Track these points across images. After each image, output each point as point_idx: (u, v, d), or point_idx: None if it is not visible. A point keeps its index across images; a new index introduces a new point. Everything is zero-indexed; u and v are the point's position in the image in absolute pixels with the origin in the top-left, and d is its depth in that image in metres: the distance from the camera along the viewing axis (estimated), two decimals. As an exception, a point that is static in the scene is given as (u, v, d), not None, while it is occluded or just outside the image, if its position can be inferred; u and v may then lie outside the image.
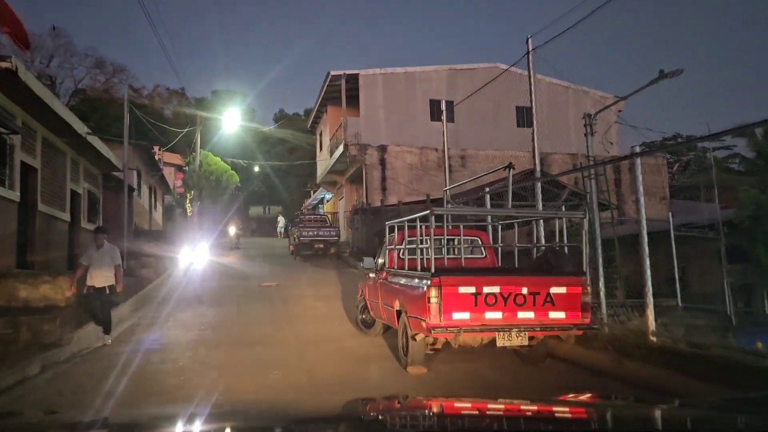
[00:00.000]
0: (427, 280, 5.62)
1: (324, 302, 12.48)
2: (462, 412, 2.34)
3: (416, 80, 25.14)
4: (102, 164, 15.78)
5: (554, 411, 2.32)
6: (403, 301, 6.43)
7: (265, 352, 7.97)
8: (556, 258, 6.22)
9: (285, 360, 7.51)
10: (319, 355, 7.75)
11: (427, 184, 24.06)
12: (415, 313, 5.88)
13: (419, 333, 5.85)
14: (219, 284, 15.40)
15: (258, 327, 9.89)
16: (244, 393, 5.64)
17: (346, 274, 17.67)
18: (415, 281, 6.08)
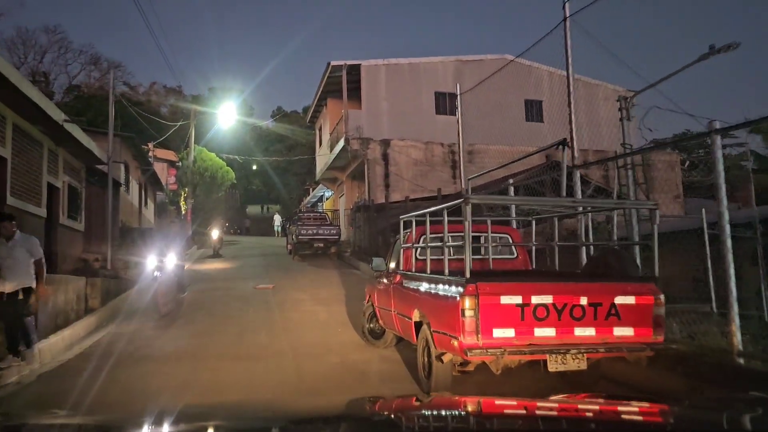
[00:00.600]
0: (459, 287, 4.44)
1: (325, 306, 11.31)
2: (489, 411, 2.18)
3: (421, 72, 23.97)
4: (85, 156, 14.58)
5: (563, 410, 2.24)
6: (425, 311, 5.28)
7: (258, 369, 6.80)
8: (619, 260, 5.05)
9: (281, 379, 6.34)
10: (322, 373, 6.57)
11: (432, 181, 22.89)
12: (443, 328, 4.72)
13: (448, 353, 4.70)
14: (210, 286, 14.21)
15: (251, 336, 8.71)
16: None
17: (348, 275, 16.50)
18: (442, 288, 4.91)
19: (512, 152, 26.13)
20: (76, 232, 14.69)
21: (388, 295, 6.65)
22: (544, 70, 26.63)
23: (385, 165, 22.60)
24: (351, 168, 24.88)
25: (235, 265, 19.24)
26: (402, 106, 23.38)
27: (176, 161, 29.44)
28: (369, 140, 22.44)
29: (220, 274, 16.93)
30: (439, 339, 4.83)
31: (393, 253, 7.15)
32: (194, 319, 10.14)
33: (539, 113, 26.13)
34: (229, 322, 9.77)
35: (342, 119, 23.28)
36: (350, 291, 13.46)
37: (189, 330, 9.25)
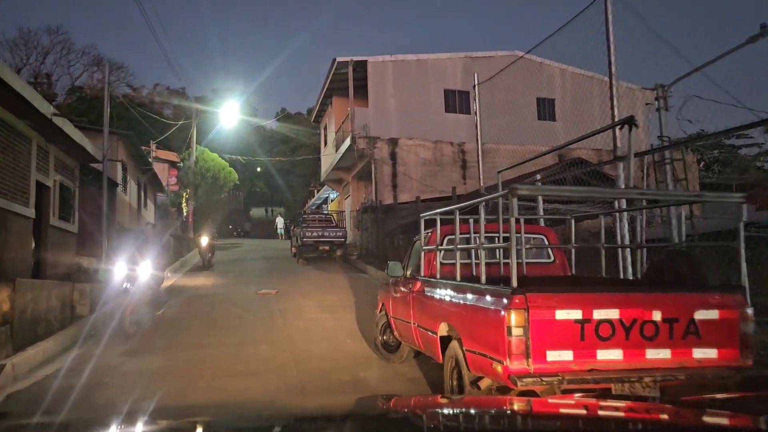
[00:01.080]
0: (503, 298, 3.61)
1: (331, 314, 10.48)
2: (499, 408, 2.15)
3: (429, 68, 23.15)
4: (78, 154, 13.80)
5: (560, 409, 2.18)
6: (455, 325, 4.45)
7: (258, 388, 5.98)
8: (690, 264, 4.20)
9: (285, 401, 5.50)
10: (332, 394, 5.74)
11: (442, 181, 22.07)
12: (481, 348, 3.88)
13: (487, 378, 3.87)
14: (209, 292, 13.41)
15: (251, 347, 7.89)
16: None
17: (356, 280, 15.68)
18: (479, 298, 4.07)
19: (524, 151, 25.27)
20: (69, 234, 13.91)
21: (406, 304, 5.82)
22: (555, 67, 25.88)
23: (393, 165, 21.80)
24: (357, 168, 24.08)
25: (225, 282, 18.34)
26: (410, 103, 22.57)
27: (177, 162, 28.73)
28: (376, 139, 21.64)
29: (221, 275, 16.10)
30: (474, 360, 4.00)
31: (411, 256, 6.32)
32: (189, 327, 9.33)
33: (551, 112, 25.28)
34: (227, 332, 8.94)
35: (348, 117, 22.48)
36: (358, 297, 12.64)
37: (183, 340, 8.44)
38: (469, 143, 23.11)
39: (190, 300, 12.21)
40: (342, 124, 23.88)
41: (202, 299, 12.34)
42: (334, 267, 18.94)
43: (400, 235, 16.34)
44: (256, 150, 50.22)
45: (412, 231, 16.54)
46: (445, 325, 4.62)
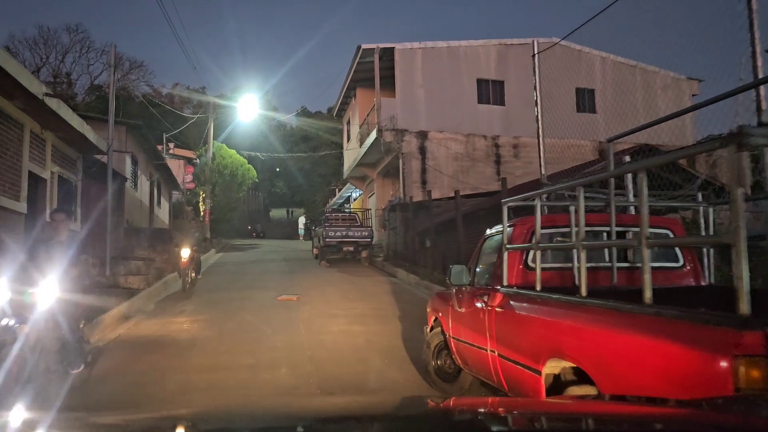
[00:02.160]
0: (720, 334, 2.03)
1: (363, 326, 8.95)
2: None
3: (461, 56, 21.54)
4: (81, 144, 12.47)
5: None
6: (588, 366, 2.83)
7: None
8: None
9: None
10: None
11: (474, 177, 20.49)
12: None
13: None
14: (222, 296, 11.97)
15: (269, 372, 6.38)
16: None
17: (385, 285, 14.15)
18: (646, 327, 2.48)
19: (561, 145, 23.58)
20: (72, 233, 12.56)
21: (477, 323, 4.25)
22: (595, 55, 24.06)
23: (422, 159, 20.25)
24: (383, 164, 22.56)
25: (255, 270, 16.95)
26: (440, 94, 21.00)
27: (194, 158, 27.46)
28: (404, 132, 20.11)
29: (233, 279, 14.68)
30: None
31: (481, 257, 4.76)
32: (194, 342, 7.86)
33: (591, 103, 23.46)
34: (240, 349, 7.45)
35: (373, 109, 20.98)
36: (391, 305, 11.12)
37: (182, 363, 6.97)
38: (503, 136, 21.49)
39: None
40: (367, 117, 22.38)
41: (203, 305, 10.89)
42: (360, 270, 17.45)
43: (434, 235, 14.76)
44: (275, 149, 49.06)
45: (449, 230, 14.99)
46: (559, 362, 3.06)
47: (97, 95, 49.65)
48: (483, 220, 12.54)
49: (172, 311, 10.40)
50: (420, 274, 14.20)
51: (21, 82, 8.71)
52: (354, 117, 25.38)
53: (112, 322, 8.96)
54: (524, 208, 8.72)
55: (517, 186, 12.48)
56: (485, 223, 12.52)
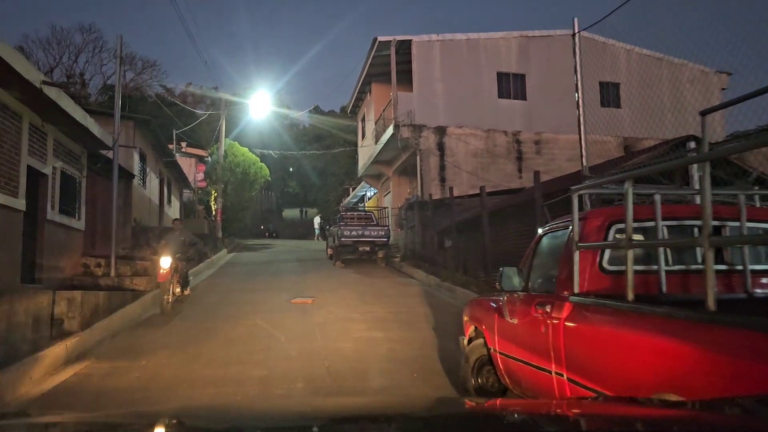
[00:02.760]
0: None
1: (384, 332, 8.22)
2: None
3: (480, 49, 20.73)
4: (85, 138, 11.85)
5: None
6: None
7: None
8: None
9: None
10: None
11: (495, 175, 19.68)
12: None
13: None
14: (232, 298, 11.29)
15: (283, 385, 5.66)
16: None
17: (404, 286, 13.42)
18: None
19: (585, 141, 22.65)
20: (74, 232, 11.98)
21: (536, 337, 3.49)
22: (620, 48, 23.14)
23: (441, 156, 19.48)
24: (399, 161, 21.80)
25: (267, 272, 16.30)
26: (459, 88, 20.21)
27: (205, 156, 26.85)
28: (422, 127, 19.35)
29: (245, 278, 14.00)
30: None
31: (538, 258, 3.98)
32: (198, 345, 7.17)
33: (616, 97, 22.56)
34: (250, 359, 6.74)
35: (390, 104, 20.24)
36: (412, 309, 10.37)
37: (188, 369, 6.27)
38: (525, 132, 20.66)
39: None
40: (383, 112, 21.63)
41: (211, 309, 10.20)
42: (377, 271, 16.72)
43: (456, 234, 13.99)
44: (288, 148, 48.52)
45: (472, 229, 14.19)
46: (669, 398, 2.30)
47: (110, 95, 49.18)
48: (510, 218, 11.78)
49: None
50: (441, 275, 13.44)
51: (17, 70, 8.10)
52: (369, 113, 24.64)
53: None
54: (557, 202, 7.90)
55: (547, 182, 11.68)
56: (513, 221, 11.76)
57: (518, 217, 11.30)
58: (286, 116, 48.17)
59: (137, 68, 46.75)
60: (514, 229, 11.46)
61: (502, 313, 4.12)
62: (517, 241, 11.24)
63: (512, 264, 4.43)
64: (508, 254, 11.57)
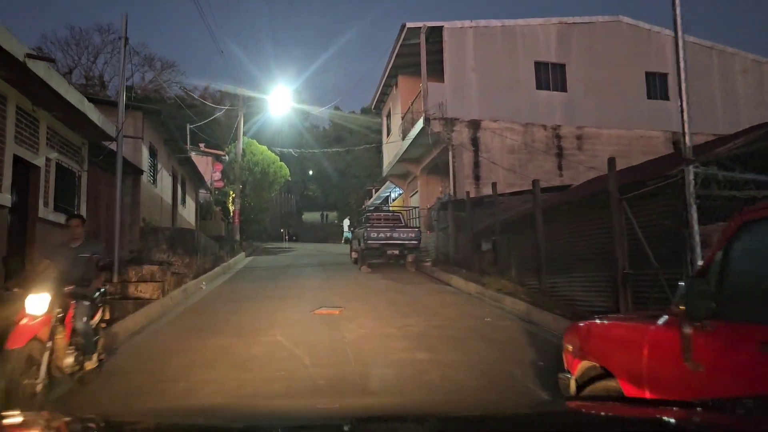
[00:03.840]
0: None
1: (430, 352, 6.73)
2: None
3: (517, 37, 19.20)
4: (86, 127, 10.59)
5: None
6: None
7: None
8: None
9: None
10: None
11: (533, 172, 18.05)
12: None
13: None
14: (248, 308, 9.87)
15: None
16: None
17: (441, 295, 11.90)
18: None
19: (629, 137, 20.94)
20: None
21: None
22: (667, 35, 21.42)
23: (475, 152, 17.97)
24: (429, 159, 20.32)
25: (285, 279, 14.91)
26: (494, 78, 18.70)
27: (222, 155, 25.62)
28: (454, 121, 17.87)
29: (265, 286, 12.61)
30: None
31: (744, 265, 2.47)
32: (200, 385, 5.75)
33: (664, 89, 20.84)
34: (267, 389, 5.29)
35: (419, 96, 18.78)
36: (457, 322, 8.86)
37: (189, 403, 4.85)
38: (565, 126, 19.05)
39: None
40: (411, 106, 20.17)
41: (224, 321, 8.79)
42: (407, 277, 15.24)
43: (499, 236, 12.44)
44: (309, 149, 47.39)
45: (515, 230, 12.64)
46: None
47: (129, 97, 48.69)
48: (565, 217, 10.20)
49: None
50: (483, 282, 11.91)
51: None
52: (395, 107, 23.19)
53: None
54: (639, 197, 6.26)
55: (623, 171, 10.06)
56: (568, 221, 10.18)
57: (575, 216, 9.73)
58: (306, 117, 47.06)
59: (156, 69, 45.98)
60: (570, 230, 9.88)
61: (661, 351, 2.61)
62: (574, 244, 9.68)
63: (564, 269, 2.92)
64: (563, 259, 10.02)
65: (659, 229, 7.35)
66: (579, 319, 7.87)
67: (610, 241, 8.10)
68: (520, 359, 6.56)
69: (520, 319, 9.19)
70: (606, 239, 8.34)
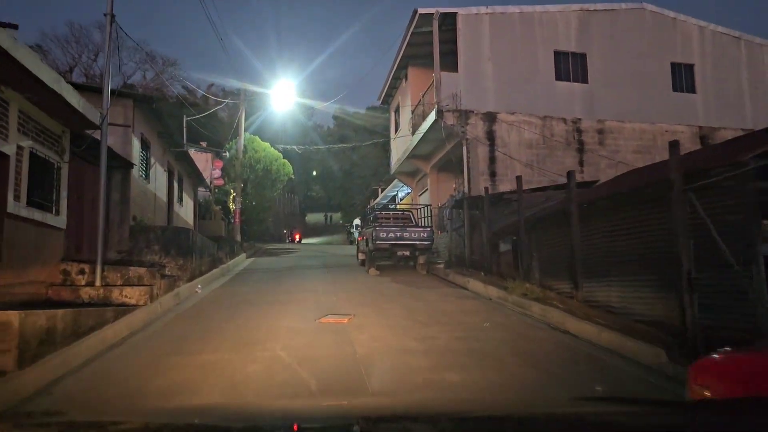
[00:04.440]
0: None
1: (460, 372, 5.62)
2: None
3: (536, 24, 18.06)
4: (66, 114, 9.47)
5: None
6: None
7: None
8: None
9: None
10: None
11: (552, 169, 16.93)
12: None
13: None
14: (245, 314, 8.73)
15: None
16: None
17: (460, 301, 10.75)
18: None
19: (653, 131, 19.69)
20: (50, 230, 9.57)
21: None
22: (692, 24, 20.25)
23: (491, 146, 16.82)
24: (440, 155, 19.18)
25: (289, 276, 13.79)
26: (511, 68, 17.58)
27: (222, 151, 24.49)
28: (469, 113, 16.73)
29: (262, 289, 11.49)
30: None
31: None
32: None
33: (690, 80, 19.65)
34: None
35: (431, 87, 17.65)
36: (484, 333, 7.75)
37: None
38: (585, 120, 17.92)
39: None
40: (422, 98, 19.03)
41: (218, 331, 7.66)
42: (419, 280, 14.11)
43: (524, 235, 11.26)
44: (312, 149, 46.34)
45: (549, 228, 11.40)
46: None
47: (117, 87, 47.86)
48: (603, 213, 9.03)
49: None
50: (505, 286, 10.75)
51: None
52: (405, 101, 22.05)
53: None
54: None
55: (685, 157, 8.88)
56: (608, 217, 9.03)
57: (616, 211, 8.55)
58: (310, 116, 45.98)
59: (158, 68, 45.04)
60: (610, 227, 8.71)
61: None
62: (614, 243, 8.52)
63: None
64: (600, 260, 8.86)
65: (721, 225, 6.23)
66: (631, 332, 6.67)
67: (661, 239, 6.98)
68: (572, 383, 5.43)
69: (553, 329, 8.06)
70: (657, 237, 7.21)
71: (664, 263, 6.88)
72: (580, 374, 5.85)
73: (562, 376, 5.71)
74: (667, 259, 6.67)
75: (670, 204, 6.36)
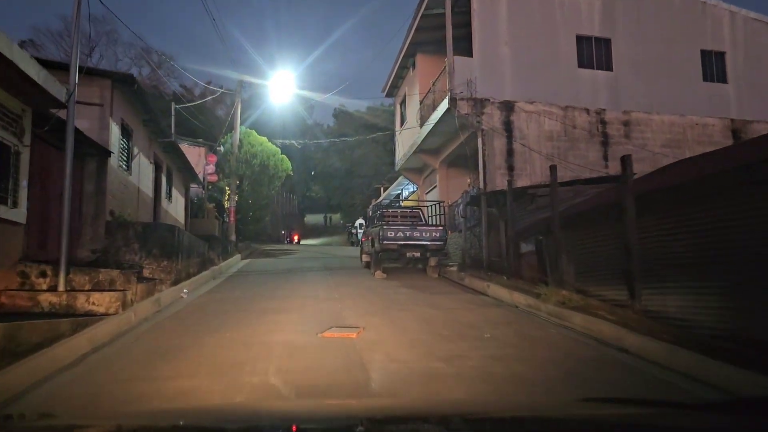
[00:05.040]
0: None
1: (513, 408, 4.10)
2: None
3: (556, 6, 16.69)
4: (27, 91, 8.06)
5: None
6: None
7: None
8: None
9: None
10: None
11: (575, 162, 15.54)
12: None
13: None
14: (235, 326, 7.29)
15: None
16: None
17: (482, 308, 9.33)
18: None
19: (683, 124, 18.33)
20: (5, 225, 8.13)
21: None
22: (723, 9, 18.84)
23: (508, 138, 15.43)
24: (451, 148, 17.78)
25: (287, 282, 12.37)
26: (530, 54, 16.19)
27: (217, 145, 23.04)
28: (484, 101, 15.33)
29: (262, 296, 10.07)
30: None
31: None
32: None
33: (722, 70, 18.22)
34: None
35: (443, 73, 16.26)
36: (522, 350, 6.32)
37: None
38: (610, 111, 16.52)
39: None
40: (433, 85, 17.62)
41: (198, 347, 6.23)
42: (431, 284, 12.69)
43: (560, 232, 9.82)
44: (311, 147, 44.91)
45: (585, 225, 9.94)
46: None
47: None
48: (656, 208, 7.62)
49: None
50: (535, 292, 9.32)
51: None
52: (412, 91, 20.64)
53: None
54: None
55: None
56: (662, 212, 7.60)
57: (676, 206, 7.13)
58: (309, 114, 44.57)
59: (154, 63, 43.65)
60: (669, 225, 7.28)
61: None
62: (672, 243, 7.11)
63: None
64: (655, 264, 7.45)
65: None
66: (709, 352, 5.23)
67: (737, 239, 5.65)
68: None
69: (605, 346, 6.62)
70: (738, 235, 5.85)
71: (752, 266, 5.50)
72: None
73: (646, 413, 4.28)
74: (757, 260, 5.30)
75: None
